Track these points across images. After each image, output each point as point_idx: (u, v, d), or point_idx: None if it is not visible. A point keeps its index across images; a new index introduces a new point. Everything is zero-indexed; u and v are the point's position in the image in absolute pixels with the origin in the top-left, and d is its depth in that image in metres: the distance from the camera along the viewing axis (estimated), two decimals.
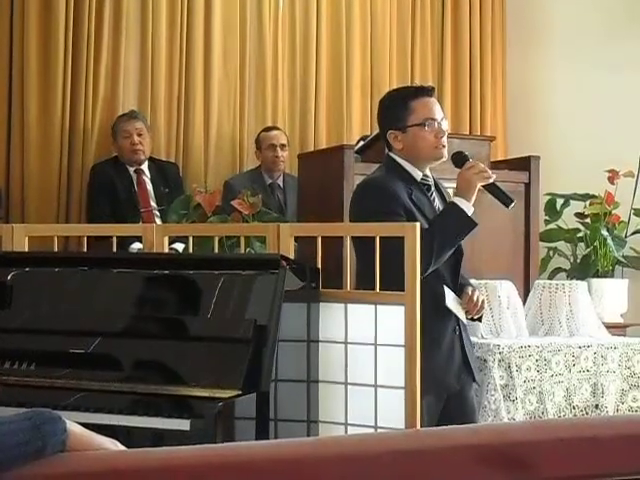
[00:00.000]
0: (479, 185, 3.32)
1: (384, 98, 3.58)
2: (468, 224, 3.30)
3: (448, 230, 3.28)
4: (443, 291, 3.36)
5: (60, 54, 5.56)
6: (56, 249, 3.68)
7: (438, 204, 3.45)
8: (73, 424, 1.60)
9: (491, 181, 3.35)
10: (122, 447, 1.66)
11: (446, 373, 3.38)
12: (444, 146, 3.39)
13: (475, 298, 3.39)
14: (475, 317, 3.48)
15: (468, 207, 3.30)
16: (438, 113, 3.40)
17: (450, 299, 3.36)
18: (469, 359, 3.46)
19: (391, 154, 3.46)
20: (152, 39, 5.90)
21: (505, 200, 3.40)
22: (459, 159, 3.40)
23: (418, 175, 3.43)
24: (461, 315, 3.41)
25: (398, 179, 3.39)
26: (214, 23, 6.10)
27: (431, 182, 3.46)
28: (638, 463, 1.68)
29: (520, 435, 1.70)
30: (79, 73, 5.63)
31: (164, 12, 5.95)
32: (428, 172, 3.47)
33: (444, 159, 3.43)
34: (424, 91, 3.48)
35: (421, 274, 3.04)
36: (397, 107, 3.42)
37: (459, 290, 3.45)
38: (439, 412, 3.36)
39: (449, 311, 3.39)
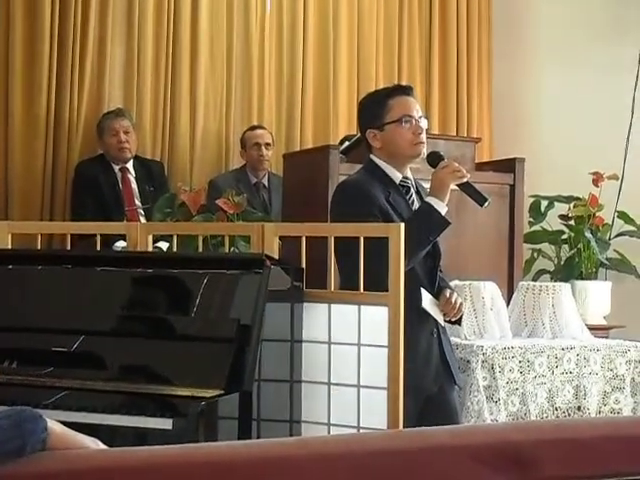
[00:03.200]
0: (452, 184, 3.33)
1: (363, 99, 3.61)
2: (441, 223, 3.30)
3: (421, 230, 3.27)
4: (420, 293, 3.36)
5: (45, 50, 5.54)
6: (39, 247, 3.67)
7: (417, 206, 3.45)
8: (54, 423, 1.59)
9: (465, 180, 3.35)
10: (103, 446, 1.66)
11: (423, 376, 3.37)
12: (422, 143, 3.40)
13: (453, 300, 3.39)
14: (453, 320, 3.47)
15: (441, 206, 3.30)
16: (416, 111, 3.42)
17: (427, 301, 3.36)
18: (449, 361, 3.45)
19: (372, 156, 3.48)
20: (138, 36, 5.88)
21: (479, 199, 3.39)
22: (434, 159, 3.41)
23: (397, 177, 3.43)
24: (438, 317, 3.41)
25: (376, 181, 3.40)
26: (201, 21, 6.08)
27: (411, 184, 3.46)
28: (626, 465, 1.68)
29: (504, 436, 1.71)
30: (64, 69, 5.61)
31: (151, 9, 5.93)
32: (409, 174, 3.47)
33: (423, 156, 3.43)
34: (401, 90, 3.50)
35: None
36: (375, 106, 3.44)
37: (438, 292, 3.45)
38: (417, 414, 3.34)
39: (426, 313, 3.39)
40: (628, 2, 6.39)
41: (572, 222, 5.95)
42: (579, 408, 4.22)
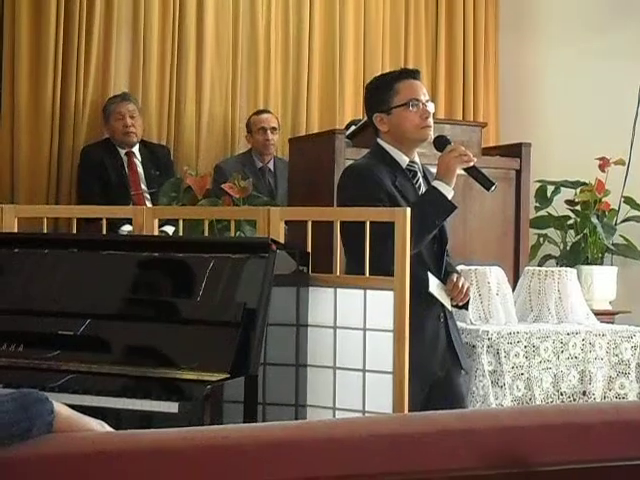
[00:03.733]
0: (458, 168, 3.32)
1: (370, 82, 3.61)
2: (447, 207, 3.30)
3: (427, 213, 3.27)
4: (427, 277, 3.36)
5: (51, 34, 5.53)
6: (45, 230, 3.68)
7: (424, 190, 3.45)
8: (60, 405, 1.60)
9: (471, 164, 3.34)
10: (109, 429, 1.66)
11: (429, 360, 3.37)
12: (429, 126, 3.39)
13: (460, 285, 3.38)
14: (460, 304, 3.47)
15: (448, 190, 3.30)
16: (423, 94, 3.41)
17: (434, 286, 3.36)
18: (455, 346, 3.45)
19: (379, 140, 3.47)
20: (144, 20, 5.87)
21: (486, 183, 3.39)
22: (441, 143, 3.40)
23: (404, 161, 3.43)
24: (445, 302, 3.40)
25: (383, 165, 3.40)
26: (207, 5, 6.07)
27: (418, 168, 3.46)
28: (630, 450, 1.68)
29: (510, 421, 1.71)
30: (70, 53, 5.60)
31: None
32: (416, 158, 3.47)
33: (429, 140, 3.42)
34: (408, 73, 3.50)
35: None
36: (382, 90, 3.44)
37: (445, 277, 3.45)
38: (423, 399, 3.35)
39: (433, 298, 3.39)
40: None
41: (578, 207, 5.94)
42: (584, 393, 4.22)
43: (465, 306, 3.53)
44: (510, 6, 6.98)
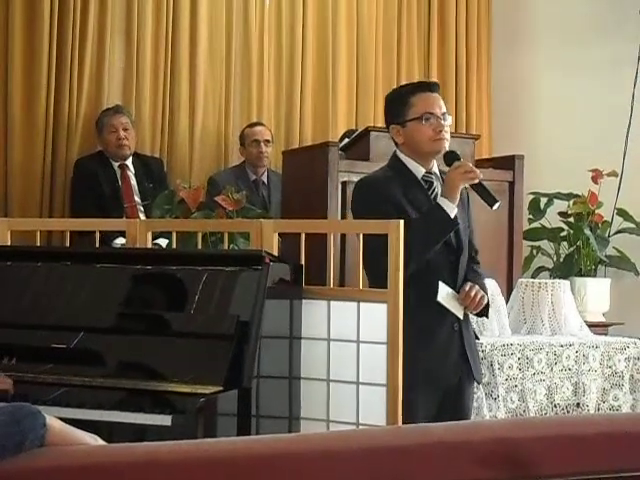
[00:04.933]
0: (462, 185, 3.33)
1: (388, 94, 3.62)
2: (448, 225, 3.31)
3: (429, 230, 3.30)
4: (437, 287, 3.36)
5: (45, 47, 5.53)
6: (39, 243, 3.67)
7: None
8: (53, 419, 1.59)
9: (477, 181, 3.36)
10: (102, 442, 1.66)
11: (441, 368, 3.36)
12: (443, 139, 3.39)
13: (473, 294, 3.36)
14: (474, 312, 3.44)
15: (451, 208, 3.31)
16: (438, 108, 3.41)
17: (443, 294, 3.35)
18: (469, 356, 3.43)
19: (397, 151, 3.49)
20: (137, 33, 5.87)
21: (489, 200, 3.40)
22: (450, 158, 3.42)
23: (420, 172, 3.43)
24: (456, 311, 3.39)
25: (396, 176, 3.42)
26: (200, 17, 6.08)
27: (435, 178, 3.46)
28: (624, 461, 1.68)
29: (504, 433, 1.71)
30: (64, 66, 5.60)
31: (150, 6, 5.92)
32: (435, 168, 3.47)
33: (444, 150, 3.43)
34: (425, 86, 3.52)
35: (404, 271, 3.08)
36: (398, 103, 3.47)
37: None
38: (436, 407, 3.35)
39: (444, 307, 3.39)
40: (626, 1, 6.38)
41: (571, 219, 5.95)
42: (578, 405, 4.23)
43: (484, 314, 3.51)
44: (503, 19, 7.00)
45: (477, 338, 3.58)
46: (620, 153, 6.20)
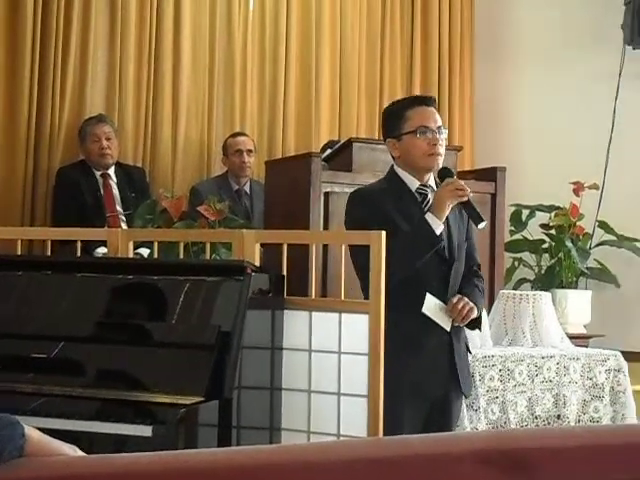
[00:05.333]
0: (449, 202, 3.34)
1: (385, 108, 3.67)
2: (432, 241, 3.32)
3: (414, 245, 3.32)
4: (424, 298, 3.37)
5: (27, 55, 5.51)
6: (20, 252, 3.66)
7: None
8: (32, 429, 1.58)
9: (466, 199, 3.37)
10: (81, 453, 1.65)
11: (428, 380, 3.36)
12: (437, 154, 3.41)
13: (460, 306, 3.36)
14: (461, 324, 3.44)
15: (437, 225, 3.32)
16: (433, 122, 3.43)
17: (430, 306, 3.35)
18: (457, 369, 3.42)
19: (393, 164, 3.52)
20: (121, 42, 5.87)
21: (476, 220, 3.44)
22: (444, 175, 3.44)
23: (414, 185, 3.45)
24: (443, 323, 3.38)
25: (391, 188, 3.44)
26: (183, 27, 6.08)
27: (429, 191, 3.46)
28: (605, 473, 1.69)
29: (484, 445, 1.71)
30: (46, 74, 5.58)
31: (133, 15, 5.91)
32: (430, 181, 3.48)
33: (437, 167, 3.45)
34: (421, 100, 3.55)
35: (389, 281, 3.10)
36: (394, 116, 3.49)
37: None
38: (422, 419, 3.35)
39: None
40: (608, 12, 6.42)
41: (553, 231, 5.97)
42: (559, 417, 4.23)
43: (476, 327, 3.51)
44: (485, 33, 7.03)
45: (469, 351, 3.58)
46: (601, 166, 6.23)
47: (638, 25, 6.23)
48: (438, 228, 3.31)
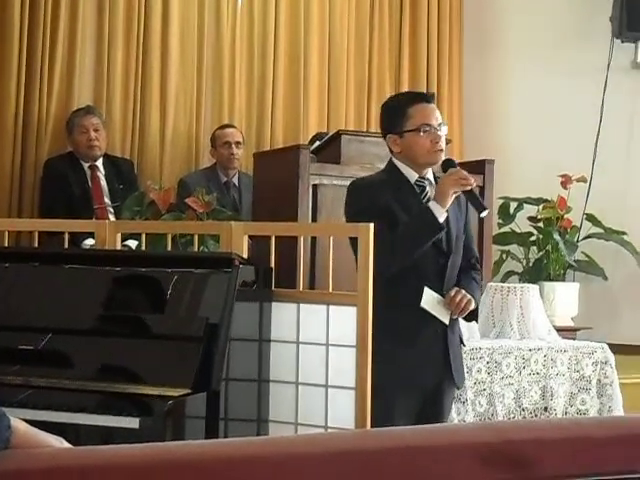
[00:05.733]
0: (452, 191, 3.36)
1: (385, 103, 3.67)
2: (435, 228, 3.35)
3: (417, 231, 3.34)
4: (423, 291, 3.38)
5: (15, 46, 5.49)
6: (7, 244, 3.64)
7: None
8: (18, 421, 1.58)
9: (468, 188, 3.40)
10: (68, 445, 1.64)
11: (422, 372, 3.37)
12: (440, 150, 3.45)
13: (458, 299, 3.38)
14: (459, 317, 3.45)
15: (440, 212, 3.35)
16: (435, 119, 3.46)
17: (428, 300, 3.37)
18: (451, 361, 3.44)
19: (392, 158, 3.53)
20: (109, 33, 5.85)
21: (479, 208, 3.49)
22: (447, 166, 3.48)
23: (413, 177, 3.47)
24: (441, 316, 3.40)
25: (390, 180, 3.46)
26: (172, 19, 6.06)
27: (427, 184, 3.49)
28: (590, 465, 1.69)
29: (470, 437, 1.71)
30: (34, 66, 5.56)
31: (121, 7, 5.89)
32: (429, 175, 3.51)
33: (439, 162, 3.48)
34: (422, 97, 3.57)
35: (387, 271, 3.19)
36: (395, 113, 3.51)
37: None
38: (416, 411, 3.36)
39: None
40: (596, 4, 6.43)
41: (541, 224, 5.98)
42: (546, 409, 4.25)
43: (472, 319, 3.55)
44: (474, 25, 7.03)
45: (463, 344, 3.59)
46: (589, 159, 6.24)
47: (627, 18, 6.24)
48: (441, 216, 3.35)
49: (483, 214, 3.52)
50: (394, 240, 3.24)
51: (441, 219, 3.34)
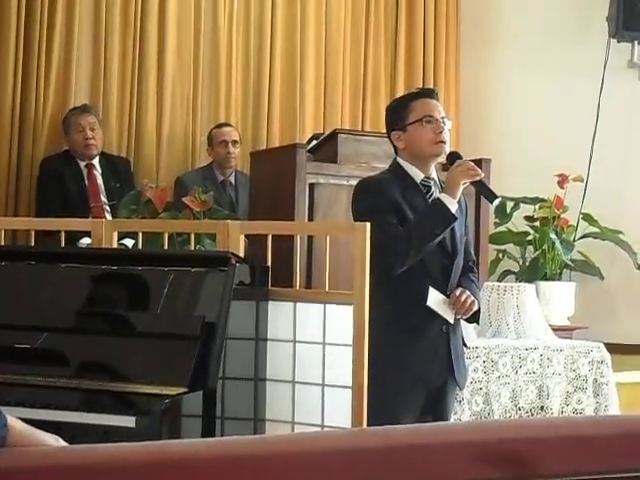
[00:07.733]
0: (462, 182, 3.38)
1: (389, 104, 3.73)
2: (448, 218, 3.37)
3: (428, 223, 3.36)
4: (428, 290, 3.39)
5: (11, 44, 5.48)
6: (3, 242, 3.64)
7: None
8: (14, 419, 1.58)
9: (477, 179, 3.42)
10: (64, 443, 1.64)
11: (426, 371, 3.39)
12: (443, 142, 3.47)
13: (463, 298, 3.41)
14: (463, 317, 3.47)
15: (451, 203, 3.37)
16: (438, 112, 3.52)
17: (433, 299, 3.38)
18: (453, 361, 3.45)
19: (397, 158, 3.55)
20: (105, 32, 5.84)
21: (490, 196, 3.52)
22: (453, 158, 3.50)
23: (419, 176, 3.49)
24: (447, 316, 3.42)
25: (395, 179, 3.47)
26: (168, 17, 6.05)
27: (434, 183, 3.50)
28: (587, 464, 1.69)
29: (467, 436, 1.71)
30: (30, 64, 5.56)
31: (118, 5, 5.89)
32: (433, 174, 3.52)
33: (444, 155, 3.49)
34: (425, 93, 3.64)
35: (401, 266, 3.26)
36: (398, 109, 3.56)
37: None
38: (419, 407, 3.38)
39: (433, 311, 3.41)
40: (593, 4, 6.43)
41: (537, 223, 5.99)
42: (542, 408, 4.25)
43: (474, 320, 3.56)
44: (471, 23, 7.03)
45: (465, 345, 3.60)
46: (586, 158, 6.24)
47: (623, 17, 6.24)
48: (453, 206, 3.37)
49: (495, 202, 3.54)
50: (408, 233, 3.28)
51: (453, 209, 3.36)
